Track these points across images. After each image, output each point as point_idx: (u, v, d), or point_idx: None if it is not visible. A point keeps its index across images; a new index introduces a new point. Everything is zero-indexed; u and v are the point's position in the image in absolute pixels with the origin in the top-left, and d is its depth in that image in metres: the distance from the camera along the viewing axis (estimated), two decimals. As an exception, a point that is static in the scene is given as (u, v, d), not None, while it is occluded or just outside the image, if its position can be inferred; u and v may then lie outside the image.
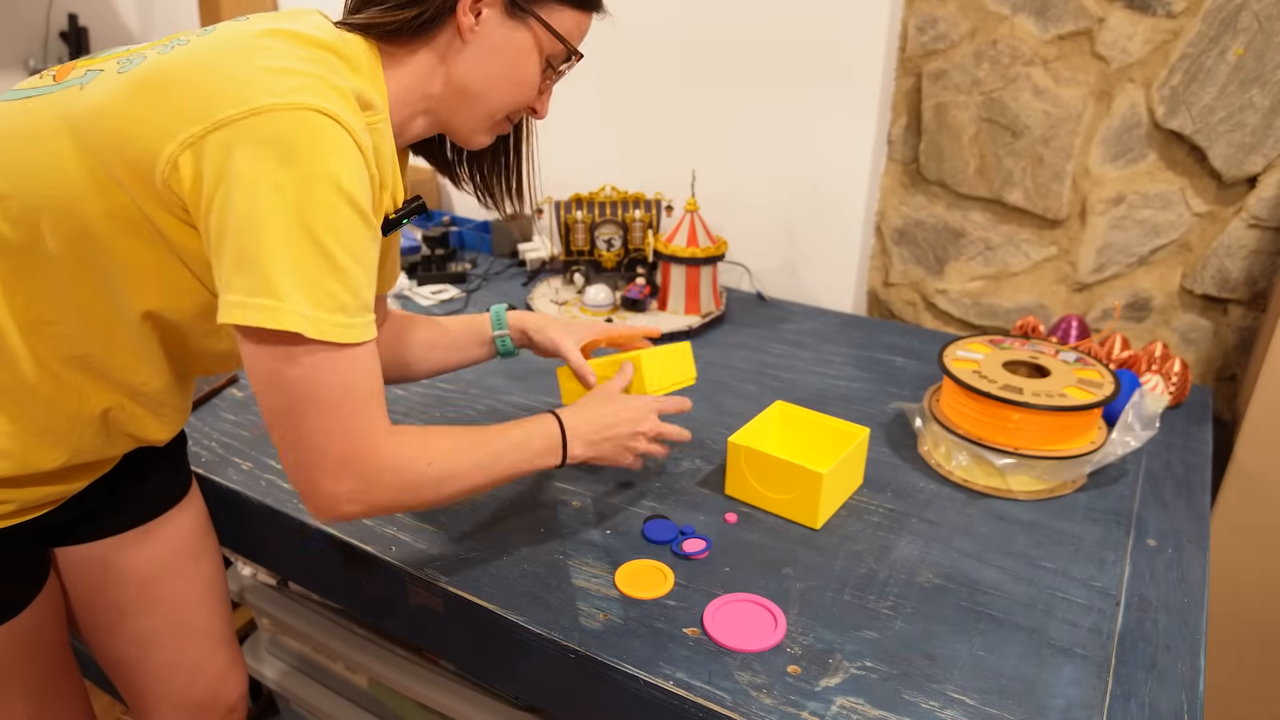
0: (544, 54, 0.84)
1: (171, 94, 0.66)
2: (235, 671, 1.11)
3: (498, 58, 0.82)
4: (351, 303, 0.68)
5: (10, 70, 2.50)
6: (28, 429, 0.78)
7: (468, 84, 0.82)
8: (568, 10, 0.84)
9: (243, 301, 0.64)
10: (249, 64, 0.67)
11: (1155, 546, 1.02)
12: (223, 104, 0.64)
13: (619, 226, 1.72)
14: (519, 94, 0.85)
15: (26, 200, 0.70)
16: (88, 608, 1.00)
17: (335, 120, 0.66)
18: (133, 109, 0.67)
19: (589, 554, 0.98)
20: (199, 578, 1.05)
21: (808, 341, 1.57)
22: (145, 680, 1.06)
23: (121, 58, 0.74)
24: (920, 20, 1.55)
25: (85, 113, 0.69)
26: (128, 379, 0.80)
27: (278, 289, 0.64)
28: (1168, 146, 1.43)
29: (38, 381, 0.77)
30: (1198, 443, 1.25)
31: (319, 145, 0.65)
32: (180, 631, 1.04)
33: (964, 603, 0.91)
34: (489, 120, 0.86)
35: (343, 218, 0.66)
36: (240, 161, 0.63)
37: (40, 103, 0.72)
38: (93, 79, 0.72)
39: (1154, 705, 0.79)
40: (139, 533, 0.98)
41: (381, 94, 0.78)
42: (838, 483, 1.04)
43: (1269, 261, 1.40)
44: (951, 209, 1.64)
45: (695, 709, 0.78)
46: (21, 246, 0.71)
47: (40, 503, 0.84)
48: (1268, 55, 1.31)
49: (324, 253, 0.65)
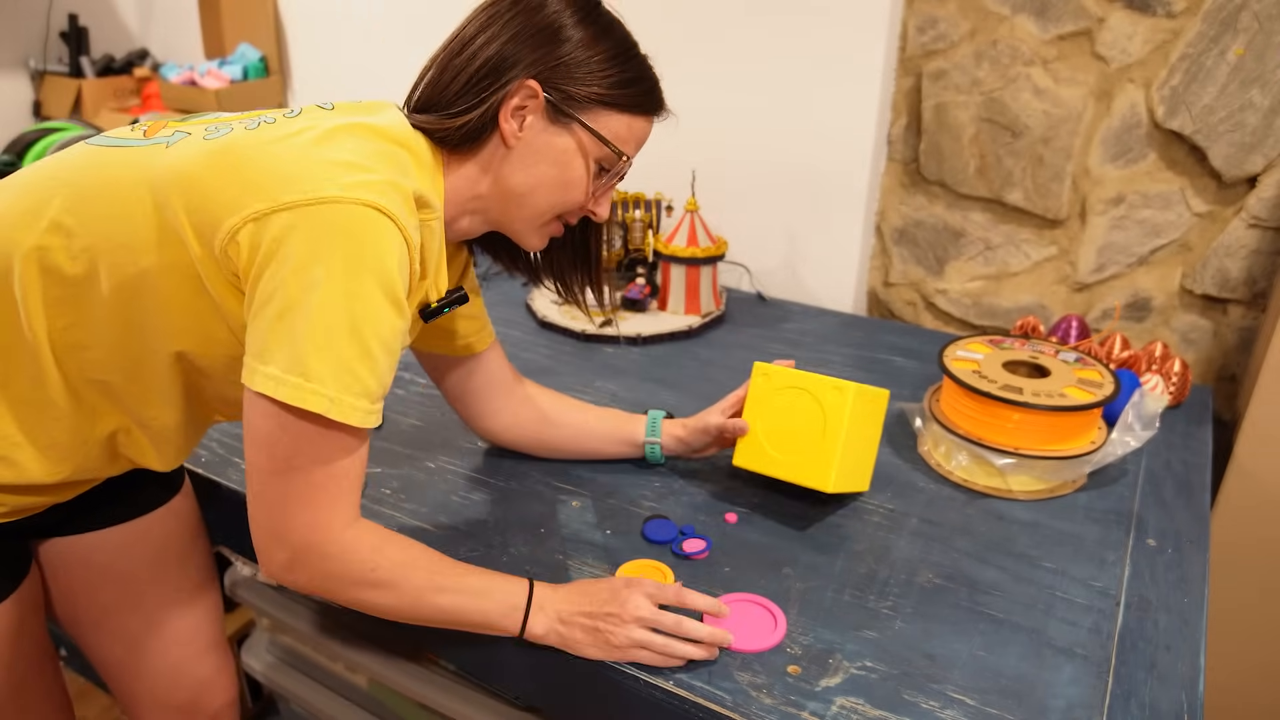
0: (591, 157, 0.84)
1: (245, 171, 0.71)
2: (221, 678, 1.10)
3: (541, 162, 0.83)
4: (376, 390, 0.71)
5: (10, 70, 2.50)
6: (38, 441, 0.80)
7: (513, 187, 0.84)
8: (616, 115, 0.84)
9: (276, 375, 0.68)
10: (321, 155, 0.71)
11: (1155, 546, 1.02)
12: (290, 188, 0.68)
13: (619, 226, 1.72)
14: (565, 197, 0.86)
15: (92, 240, 0.74)
16: (71, 603, 1.00)
17: (390, 218, 0.70)
18: (208, 177, 0.71)
19: (589, 554, 0.98)
20: (185, 581, 1.05)
21: (808, 341, 1.57)
22: (131, 681, 1.06)
23: (210, 125, 0.78)
24: (920, 20, 1.55)
25: (165, 171, 0.73)
26: (141, 410, 0.83)
27: (309, 369, 0.67)
28: (1168, 146, 1.43)
29: (59, 397, 0.79)
30: (1198, 443, 1.25)
31: (370, 239, 0.68)
32: (164, 634, 1.04)
33: (964, 603, 0.91)
34: (536, 222, 0.87)
35: (381, 310, 0.69)
36: (296, 242, 0.67)
37: (127, 155, 0.76)
38: (179, 140, 0.76)
39: (1154, 705, 0.79)
40: (120, 530, 0.99)
41: (439, 192, 0.82)
42: (859, 425, 0.99)
43: (1269, 261, 1.40)
44: (951, 209, 1.64)
45: (695, 709, 0.78)
46: (76, 280, 0.75)
47: (29, 508, 0.86)
48: (1268, 55, 1.31)
49: (359, 340, 0.69)
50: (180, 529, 1.05)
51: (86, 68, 2.54)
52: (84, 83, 2.49)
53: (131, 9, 2.70)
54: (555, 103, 0.81)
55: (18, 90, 2.53)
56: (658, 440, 1.11)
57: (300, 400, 0.67)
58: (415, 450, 1.19)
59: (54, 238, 0.74)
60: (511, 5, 0.82)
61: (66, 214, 0.74)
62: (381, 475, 1.12)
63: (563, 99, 0.81)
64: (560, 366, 1.44)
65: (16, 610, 0.88)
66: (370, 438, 0.78)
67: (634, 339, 1.54)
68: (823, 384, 0.99)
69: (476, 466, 1.15)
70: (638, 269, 1.71)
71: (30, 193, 0.77)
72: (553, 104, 0.81)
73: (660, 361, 1.48)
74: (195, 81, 2.38)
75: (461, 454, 1.18)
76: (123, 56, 2.62)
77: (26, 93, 2.55)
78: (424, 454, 1.18)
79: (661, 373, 1.43)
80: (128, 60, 2.61)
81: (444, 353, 1.03)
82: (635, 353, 1.52)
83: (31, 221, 0.75)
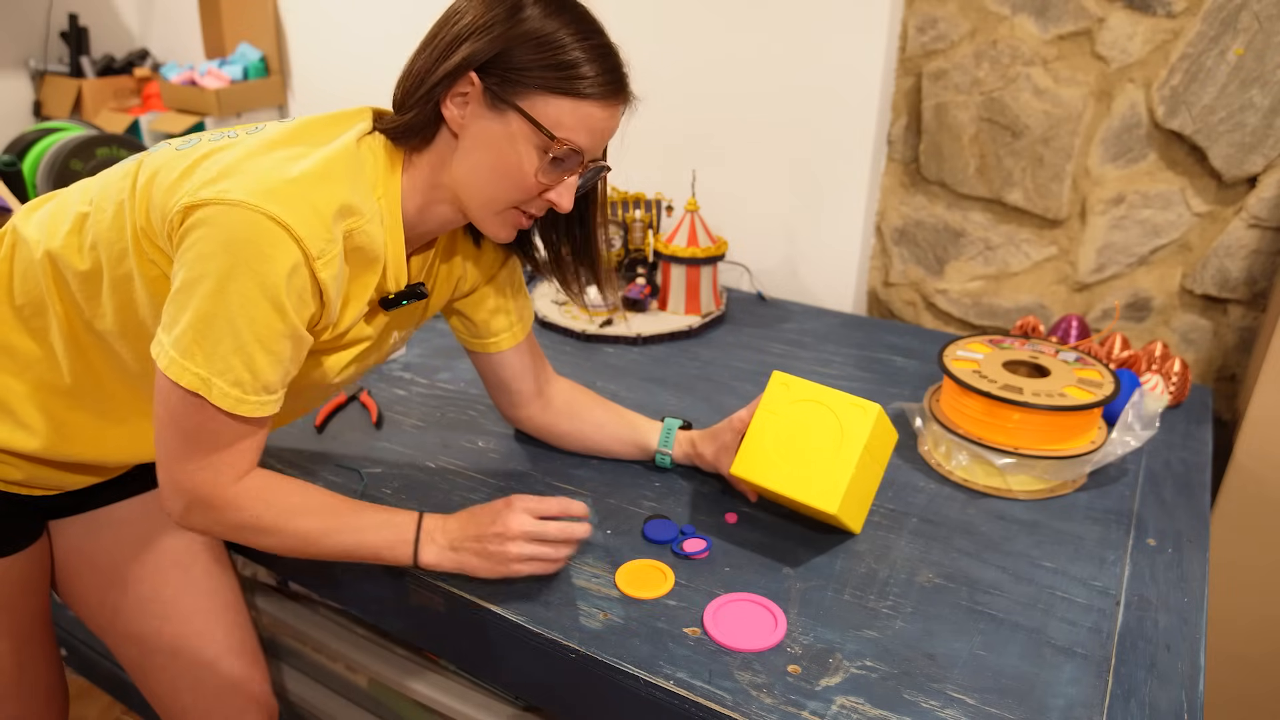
0: (530, 144, 0.82)
1: (191, 176, 0.78)
2: (248, 686, 1.09)
3: (480, 149, 0.83)
4: (249, 381, 0.77)
5: (11, 70, 2.50)
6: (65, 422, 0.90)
7: (459, 175, 0.85)
8: (557, 99, 0.80)
9: (165, 349, 0.76)
10: (250, 164, 0.77)
11: (1155, 546, 1.02)
12: (213, 187, 0.75)
13: (619, 226, 1.72)
14: (509, 185, 0.84)
15: (95, 240, 0.84)
16: (83, 602, 1.05)
17: (285, 229, 0.74)
18: (162, 178, 0.79)
19: (589, 554, 0.98)
20: (191, 585, 1.06)
21: (808, 341, 1.57)
22: (151, 683, 1.06)
23: (189, 138, 0.86)
24: (920, 20, 1.55)
25: (143, 177, 0.81)
26: None
27: (187, 349, 0.75)
28: (1168, 146, 1.43)
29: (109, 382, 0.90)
30: (1198, 443, 1.25)
31: (263, 246, 0.73)
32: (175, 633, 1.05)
33: (964, 602, 0.91)
34: (489, 210, 0.86)
35: (259, 310, 0.75)
36: (202, 237, 0.74)
37: (135, 162, 0.85)
38: (160, 149, 0.85)
39: (1154, 705, 0.79)
40: (120, 524, 1.04)
41: (390, 191, 0.85)
42: (873, 452, 0.96)
43: (1269, 261, 1.40)
44: (951, 209, 1.64)
45: (695, 709, 0.78)
46: (87, 276, 0.85)
47: (46, 484, 0.95)
48: (1268, 55, 1.31)
49: (234, 334, 0.75)
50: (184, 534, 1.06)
51: (87, 68, 2.54)
52: (84, 83, 2.49)
53: (131, 9, 2.70)
54: (492, 88, 0.80)
55: (18, 90, 2.53)
56: (669, 451, 1.12)
57: (177, 376, 0.75)
58: (415, 450, 1.19)
59: (73, 237, 0.85)
60: None
61: (82, 219, 0.85)
62: (382, 475, 1.13)
63: (499, 84, 0.80)
64: (560, 366, 1.44)
65: (28, 565, 0.97)
66: (267, 424, 0.84)
67: (634, 339, 1.55)
68: (844, 401, 0.96)
69: (477, 466, 1.15)
70: (638, 269, 1.71)
71: (62, 203, 0.89)
72: (490, 90, 0.80)
73: (660, 361, 1.48)
74: (195, 81, 2.38)
75: (462, 454, 1.18)
76: (123, 56, 2.62)
77: (27, 93, 2.55)
78: (424, 454, 1.18)
79: (661, 373, 1.43)
80: (128, 60, 2.61)
81: (478, 350, 1.08)
82: (635, 353, 1.52)
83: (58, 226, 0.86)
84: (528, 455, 1.17)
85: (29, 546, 0.97)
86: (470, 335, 1.07)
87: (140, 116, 2.45)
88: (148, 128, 2.44)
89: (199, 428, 0.78)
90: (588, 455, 1.16)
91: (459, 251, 1.00)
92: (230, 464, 0.81)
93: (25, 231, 0.88)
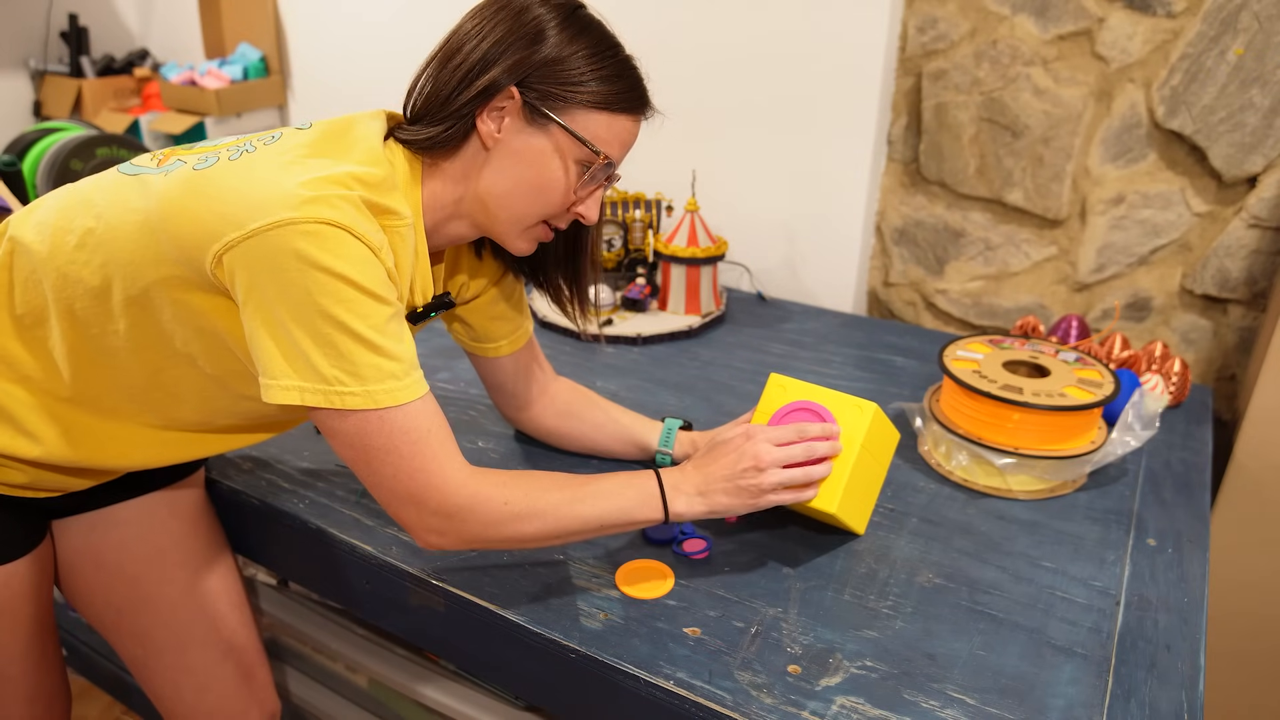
0: (570, 158, 0.83)
1: (222, 201, 0.74)
2: (251, 686, 1.10)
3: (519, 164, 0.83)
4: (390, 367, 0.75)
5: (10, 70, 2.50)
6: (69, 430, 0.88)
7: (491, 190, 0.84)
8: (596, 114, 0.83)
9: (313, 391, 0.73)
10: (283, 180, 0.74)
11: (1155, 546, 1.02)
12: (256, 215, 0.72)
13: (619, 226, 1.72)
14: (545, 199, 0.85)
15: (106, 257, 0.80)
16: (87, 601, 1.04)
17: (343, 229, 0.73)
18: (193, 207, 0.75)
19: (589, 554, 0.98)
20: (195, 585, 1.06)
21: (808, 341, 1.57)
22: (155, 682, 1.07)
23: (203, 154, 0.82)
24: (920, 20, 1.55)
25: (158, 199, 0.78)
26: (167, 410, 0.89)
27: (332, 378, 0.73)
28: (1168, 146, 1.43)
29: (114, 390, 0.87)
30: (1198, 443, 1.25)
31: (329, 249, 0.72)
32: (177, 632, 1.05)
33: (964, 602, 0.91)
34: (519, 226, 0.87)
35: (358, 301, 0.73)
36: (265, 266, 0.72)
37: (142, 180, 0.81)
38: (175, 169, 0.80)
39: (1154, 705, 0.79)
40: (123, 524, 1.03)
41: (414, 201, 0.84)
42: (872, 452, 0.96)
43: (1269, 261, 1.41)
44: (951, 209, 1.65)
45: (695, 709, 0.78)
46: (96, 292, 0.81)
47: (49, 487, 0.94)
48: (1268, 55, 1.31)
49: (355, 337, 0.73)
50: (185, 532, 1.07)
51: (87, 68, 2.54)
52: (84, 83, 2.48)
53: (131, 9, 2.70)
54: (532, 103, 0.81)
55: (18, 90, 2.53)
56: (670, 451, 1.12)
57: (341, 405, 0.73)
58: (415, 450, 1.19)
59: (79, 253, 0.81)
60: (496, 11, 0.82)
61: (89, 235, 0.81)
62: (382, 475, 1.12)
63: (539, 99, 0.81)
64: (560, 366, 1.44)
65: (35, 568, 0.96)
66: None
67: (634, 339, 1.55)
68: (842, 401, 0.96)
69: (477, 466, 1.15)
70: (638, 269, 1.71)
71: (64, 213, 0.84)
72: (530, 104, 0.81)
73: (660, 361, 1.48)
74: (195, 81, 2.38)
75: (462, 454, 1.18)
76: (123, 56, 2.62)
77: (27, 93, 2.55)
78: (424, 454, 1.18)
79: (661, 373, 1.43)
80: (128, 60, 2.61)
81: (479, 354, 1.08)
82: (635, 353, 1.52)
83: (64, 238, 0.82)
84: (528, 455, 1.17)
85: (33, 550, 0.97)
86: (471, 339, 1.07)
87: (140, 116, 2.45)
88: (148, 128, 2.44)
89: (389, 440, 0.76)
90: (588, 455, 1.16)
91: (462, 261, 1.00)
92: (442, 457, 0.79)
93: (24, 239, 0.85)
